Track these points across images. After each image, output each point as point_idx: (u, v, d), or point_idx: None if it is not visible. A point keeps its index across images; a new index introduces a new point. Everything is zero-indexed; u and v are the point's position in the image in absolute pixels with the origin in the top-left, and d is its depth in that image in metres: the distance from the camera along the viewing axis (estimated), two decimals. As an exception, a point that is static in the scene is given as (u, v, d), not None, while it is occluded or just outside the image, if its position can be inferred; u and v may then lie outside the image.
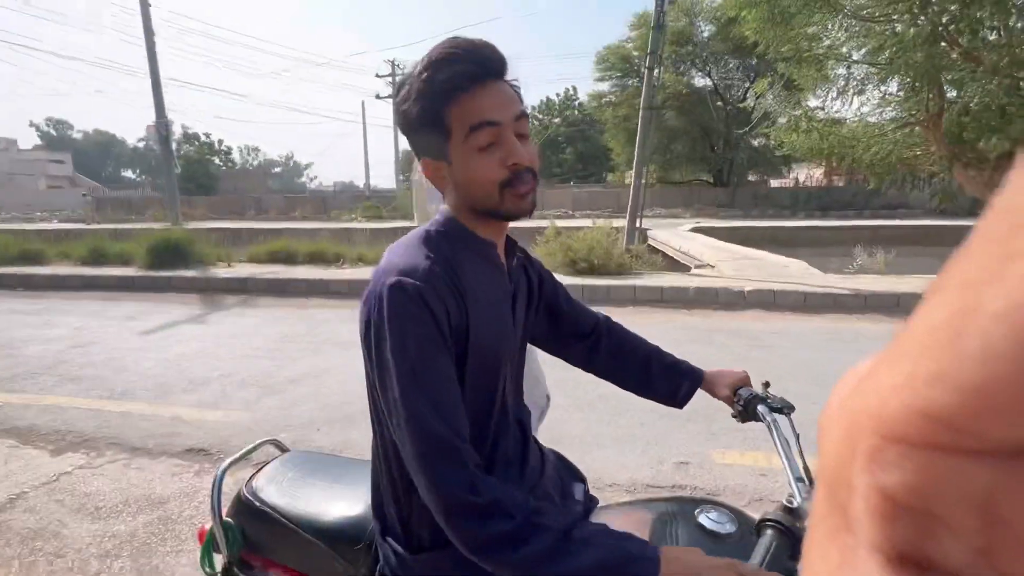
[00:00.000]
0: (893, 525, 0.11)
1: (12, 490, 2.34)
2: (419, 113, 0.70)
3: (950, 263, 0.11)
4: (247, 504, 0.97)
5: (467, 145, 0.70)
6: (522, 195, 0.72)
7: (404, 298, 0.67)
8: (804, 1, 5.43)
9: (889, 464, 0.11)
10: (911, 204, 20.11)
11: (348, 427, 2.88)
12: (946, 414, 0.10)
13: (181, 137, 31.49)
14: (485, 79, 0.69)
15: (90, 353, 4.23)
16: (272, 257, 8.40)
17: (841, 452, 0.12)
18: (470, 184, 0.72)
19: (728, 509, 0.85)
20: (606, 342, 1.05)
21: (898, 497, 0.11)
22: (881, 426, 0.11)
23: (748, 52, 19.82)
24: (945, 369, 0.10)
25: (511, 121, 0.70)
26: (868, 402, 0.12)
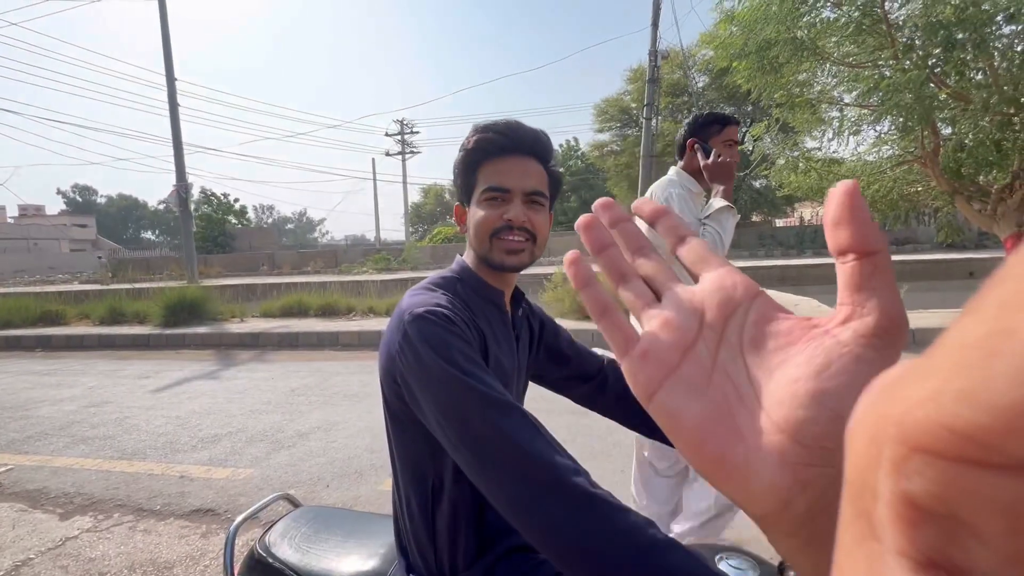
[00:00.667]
0: (918, 531, 0.11)
1: (17, 556, 2.29)
2: (460, 164, 0.86)
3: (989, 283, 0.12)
4: (260, 561, 0.95)
5: (481, 198, 0.82)
6: (508, 249, 0.81)
7: (435, 321, 0.71)
8: (792, 51, 5.69)
9: (914, 472, 0.11)
10: (919, 239, 20.10)
11: (357, 482, 2.82)
12: (973, 431, 0.10)
13: (200, 198, 32.76)
14: (514, 153, 0.82)
15: (102, 413, 4.24)
16: (284, 311, 8.51)
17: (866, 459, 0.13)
18: (473, 229, 0.84)
19: (749, 555, 0.82)
20: (613, 384, 1.06)
21: (923, 504, 0.11)
22: (907, 435, 0.11)
23: (742, 99, 20.59)
24: (975, 387, 0.10)
25: (521, 192, 0.82)
26: (895, 410, 0.12)
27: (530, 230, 0.81)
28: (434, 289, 0.81)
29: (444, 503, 0.76)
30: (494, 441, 0.61)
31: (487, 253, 0.82)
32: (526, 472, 0.58)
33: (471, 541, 0.78)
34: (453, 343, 0.69)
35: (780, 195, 12.87)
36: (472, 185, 0.84)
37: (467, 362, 0.67)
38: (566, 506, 0.56)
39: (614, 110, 24.57)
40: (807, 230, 23.10)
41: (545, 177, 0.85)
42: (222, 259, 25.33)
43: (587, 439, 3.21)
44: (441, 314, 0.72)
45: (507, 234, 0.80)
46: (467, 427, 0.63)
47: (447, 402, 0.65)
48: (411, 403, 0.72)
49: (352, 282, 13.23)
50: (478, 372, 0.67)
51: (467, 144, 0.84)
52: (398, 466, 0.80)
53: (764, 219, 28.29)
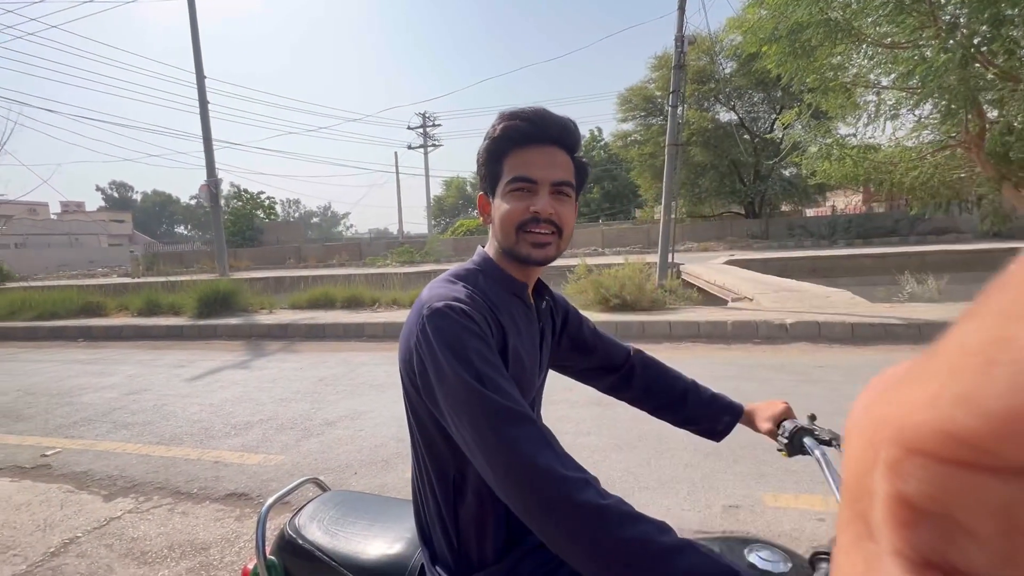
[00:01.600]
0: (914, 531, 0.11)
1: (66, 534, 2.42)
2: (485, 153, 0.82)
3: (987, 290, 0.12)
4: (290, 542, 0.98)
5: (506, 188, 0.79)
6: (535, 243, 0.79)
7: (453, 317, 0.70)
8: (825, 33, 5.47)
9: (909, 474, 0.11)
10: (961, 228, 19.23)
11: (384, 470, 2.87)
12: (969, 435, 0.10)
13: (230, 193, 33.66)
14: (541, 142, 0.79)
15: (141, 400, 4.42)
16: (311, 303, 8.70)
17: (863, 460, 0.13)
18: (498, 221, 0.80)
19: (779, 548, 0.80)
20: (640, 373, 1.05)
21: (918, 504, 0.11)
22: (903, 438, 0.11)
23: (772, 85, 19.96)
24: (972, 393, 0.10)
25: (548, 183, 0.79)
26: (892, 412, 0.12)
27: (556, 223, 0.79)
28: (455, 281, 0.79)
29: (468, 497, 0.76)
30: (504, 453, 0.62)
31: (513, 246, 0.79)
32: (534, 486, 0.60)
33: (499, 535, 0.77)
34: (469, 342, 0.68)
35: (812, 184, 12.46)
36: (497, 175, 0.81)
37: (483, 363, 0.67)
38: (576, 519, 0.57)
39: (638, 99, 24.13)
40: (839, 220, 22.34)
41: (572, 167, 0.82)
42: (251, 252, 26.00)
43: (612, 431, 3.19)
44: (459, 309, 0.71)
45: (533, 227, 0.78)
46: (480, 437, 0.64)
47: (461, 408, 0.66)
48: (428, 399, 0.71)
49: (376, 275, 13.42)
50: (492, 375, 0.66)
51: (493, 132, 0.80)
52: (419, 458, 0.80)
53: (794, 209, 27.49)
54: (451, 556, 0.78)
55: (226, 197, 30.74)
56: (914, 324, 5.13)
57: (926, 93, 5.09)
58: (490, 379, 0.66)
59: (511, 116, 0.79)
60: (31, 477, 3.03)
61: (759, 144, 22.26)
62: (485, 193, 0.85)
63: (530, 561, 0.78)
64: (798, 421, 0.94)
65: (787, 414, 0.96)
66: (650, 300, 6.75)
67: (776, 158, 14.75)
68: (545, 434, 0.65)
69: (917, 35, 5.22)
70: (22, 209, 39.58)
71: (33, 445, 3.50)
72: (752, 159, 21.88)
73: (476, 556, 0.77)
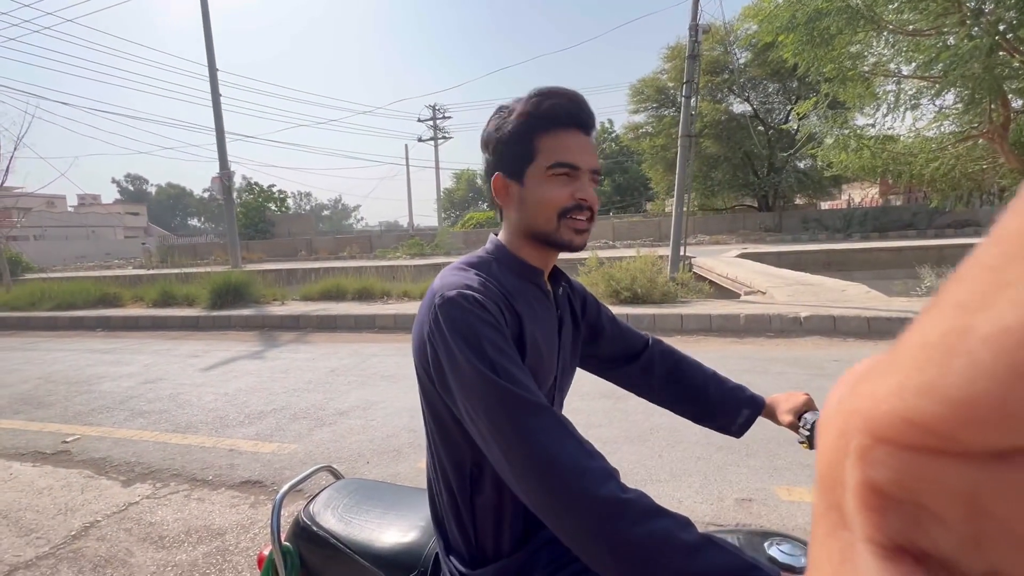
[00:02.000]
0: (883, 517, 0.12)
1: (86, 519, 2.47)
2: (513, 131, 0.76)
3: (945, 283, 0.12)
4: (305, 529, 0.98)
5: (546, 173, 0.75)
6: (577, 229, 0.77)
7: (467, 306, 0.68)
8: (845, 20, 5.34)
9: (877, 462, 0.12)
10: (981, 221, 18.81)
11: (396, 460, 2.89)
12: (932, 422, 0.11)
13: (242, 186, 33.93)
14: (582, 127, 0.77)
15: (157, 389, 4.49)
16: (323, 295, 8.77)
17: (835, 450, 0.13)
18: (536, 205, 0.76)
19: (800, 541, 0.79)
20: (660, 365, 1.02)
21: (887, 491, 0.12)
22: (871, 427, 0.12)
23: (788, 75, 19.60)
24: (934, 382, 0.11)
25: (589, 170, 0.77)
26: (861, 404, 0.13)
27: (593, 209, 0.78)
28: (467, 269, 0.77)
29: (486, 489, 0.74)
30: (522, 447, 0.60)
31: (553, 232, 0.76)
32: (555, 479, 0.58)
33: (516, 527, 0.76)
34: (483, 332, 0.66)
35: (827, 175, 12.24)
36: (529, 155, 0.75)
37: (497, 354, 0.65)
38: (596, 515, 0.56)
39: (650, 90, 23.84)
40: (855, 212, 21.95)
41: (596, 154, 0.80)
42: (263, 245, 26.24)
43: (623, 423, 3.18)
44: (472, 298, 0.69)
45: (577, 213, 0.76)
46: (496, 428, 0.62)
47: (476, 398, 0.64)
48: (442, 390, 0.70)
49: (387, 267, 13.48)
50: (507, 366, 0.64)
51: (531, 109, 0.74)
52: (435, 449, 0.78)
53: (808, 202, 27.06)
54: (466, 547, 0.77)
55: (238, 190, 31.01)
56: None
57: (949, 82, 4.95)
58: (504, 369, 0.64)
59: (551, 94, 0.75)
60: (52, 463, 3.10)
61: (773, 136, 21.92)
62: (508, 175, 0.78)
63: (546, 553, 0.77)
64: (819, 413, 0.92)
65: (809, 405, 0.94)
66: (661, 293, 6.70)
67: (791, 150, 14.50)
68: (564, 423, 0.63)
69: (940, 22, 5.08)
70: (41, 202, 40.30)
71: (54, 432, 3.58)
72: (766, 151, 21.55)
73: (492, 547, 0.76)
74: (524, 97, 0.77)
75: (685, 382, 1.01)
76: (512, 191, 0.79)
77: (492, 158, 0.80)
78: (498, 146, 0.78)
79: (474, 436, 0.67)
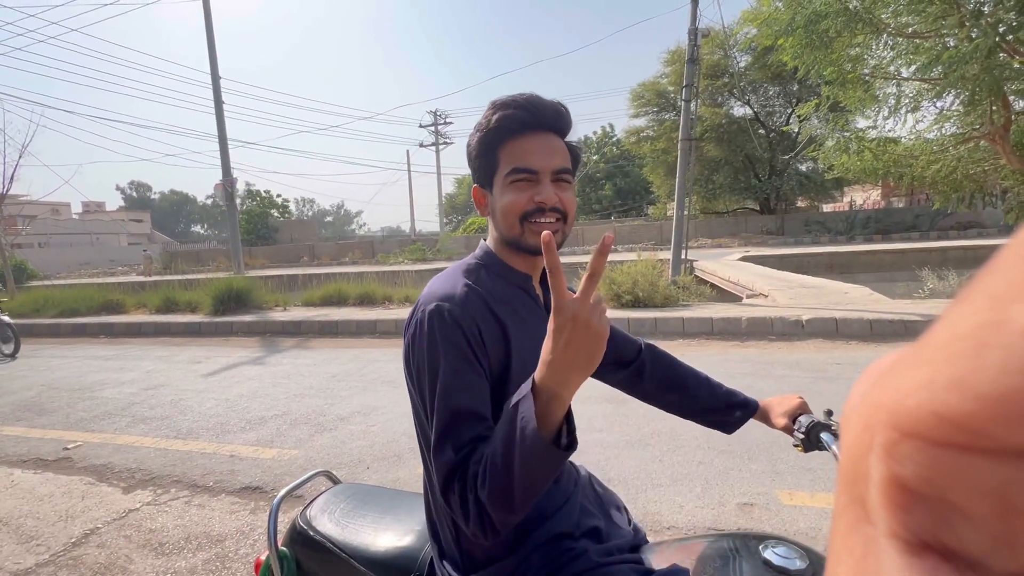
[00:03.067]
0: (909, 513, 0.12)
1: (87, 526, 2.47)
2: (478, 144, 0.80)
3: (979, 275, 0.12)
4: (301, 533, 0.98)
5: (506, 180, 0.77)
6: (540, 231, 0.77)
7: (440, 322, 0.71)
8: (844, 23, 5.35)
9: (905, 457, 0.11)
10: (984, 223, 18.75)
11: (396, 465, 2.88)
12: (962, 417, 0.10)
13: (244, 193, 34.09)
14: (536, 128, 0.78)
15: (159, 395, 4.50)
16: (325, 300, 8.78)
17: (860, 444, 0.13)
18: (500, 213, 0.79)
19: (796, 544, 0.78)
20: (651, 368, 1.04)
21: (913, 487, 0.11)
22: (898, 421, 0.12)
23: (788, 78, 19.63)
24: (965, 376, 0.11)
25: (549, 172, 0.77)
26: (887, 397, 0.12)
27: (561, 210, 0.78)
28: (456, 276, 0.79)
29: None
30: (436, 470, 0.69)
31: (519, 238, 0.78)
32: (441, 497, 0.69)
33: (506, 532, 0.77)
34: (445, 352, 0.70)
35: (829, 178, 12.23)
36: (493, 166, 0.78)
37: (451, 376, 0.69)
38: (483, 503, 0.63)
39: (650, 94, 23.89)
40: (857, 215, 21.90)
41: (567, 152, 0.80)
42: (266, 251, 26.33)
43: (624, 427, 3.17)
44: (449, 313, 0.72)
45: (539, 216, 0.76)
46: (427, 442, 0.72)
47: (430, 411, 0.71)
48: (419, 396, 0.74)
49: (388, 272, 13.50)
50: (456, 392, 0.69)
51: (486, 123, 0.78)
52: (427, 454, 0.79)
53: (810, 204, 27.03)
54: (458, 552, 0.78)
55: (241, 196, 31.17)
56: (935, 320, 5.01)
57: (948, 83, 4.95)
58: (437, 402, 0.69)
59: (504, 105, 0.77)
60: (53, 469, 3.11)
61: (774, 139, 21.92)
62: (481, 185, 0.82)
63: (539, 556, 0.77)
64: (814, 416, 0.92)
65: (803, 409, 0.94)
66: (663, 297, 6.69)
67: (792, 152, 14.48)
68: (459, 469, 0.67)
69: (939, 24, 5.08)
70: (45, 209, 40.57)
71: (55, 438, 3.58)
72: (767, 154, 21.55)
73: (484, 552, 0.76)
74: (487, 110, 0.80)
75: (678, 386, 1.03)
76: (487, 200, 0.82)
77: (472, 170, 0.84)
78: (472, 159, 0.82)
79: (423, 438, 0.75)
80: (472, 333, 0.71)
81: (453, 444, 0.67)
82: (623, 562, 0.78)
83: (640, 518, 2.18)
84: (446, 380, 0.69)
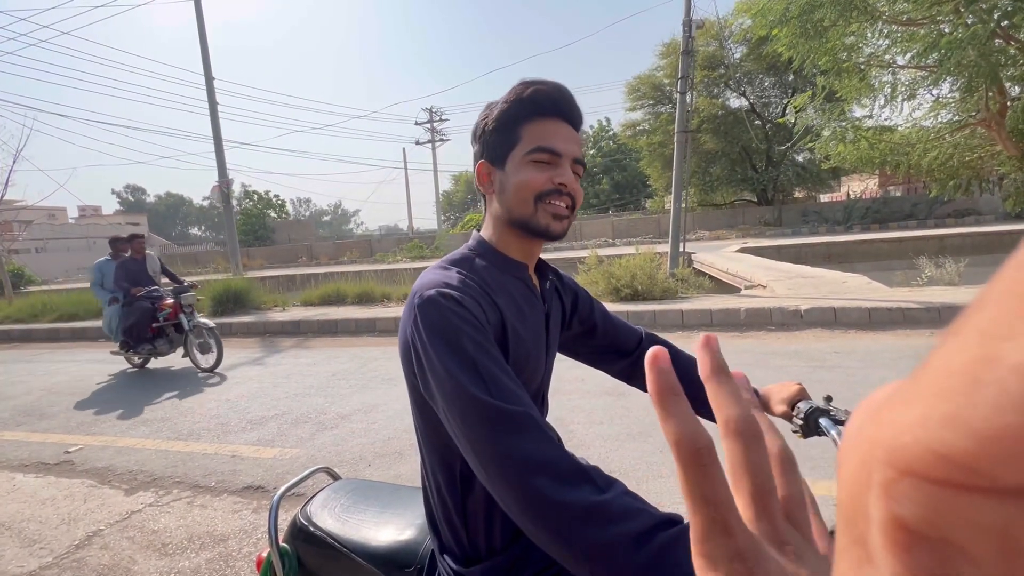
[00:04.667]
0: (912, 555, 0.11)
1: (89, 528, 2.47)
2: (499, 117, 0.77)
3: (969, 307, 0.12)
4: (302, 529, 0.98)
5: (526, 158, 0.76)
6: (556, 215, 0.76)
7: (446, 305, 0.67)
8: (838, 12, 5.34)
9: (903, 496, 0.11)
10: (981, 210, 18.77)
11: (397, 461, 2.89)
12: (959, 456, 0.10)
13: (241, 194, 34.03)
14: (566, 118, 0.78)
15: (160, 397, 4.49)
16: (323, 299, 8.77)
17: (857, 482, 0.13)
18: (513, 189, 0.76)
19: None
20: None
21: (914, 527, 0.11)
22: (895, 458, 0.11)
23: (783, 69, 19.57)
24: (960, 413, 0.10)
25: (570, 159, 0.77)
26: (883, 434, 0.12)
27: (574, 196, 0.77)
28: (448, 267, 0.76)
29: (476, 488, 0.74)
30: (496, 459, 0.58)
31: (530, 216, 0.75)
32: (528, 490, 0.56)
33: (507, 525, 0.76)
34: (463, 330, 0.65)
35: (825, 167, 12.24)
36: (511, 142, 0.76)
37: (478, 352, 0.63)
38: (567, 521, 0.54)
39: (646, 87, 23.81)
40: (855, 205, 21.90)
41: (581, 146, 0.80)
42: (263, 251, 26.29)
43: (625, 420, 3.17)
44: (451, 296, 0.68)
45: (555, 198, 0.75)
46: (470, 435, 0.61)
47: (452, 407, 0.63)
48: (425, 391, 0.69)
49: (387, 270, 13.49)
50: (488, 365, 0.63)
51: (516, 96, 0.75)
52: (424, 450, 0.78)
53: (808, 195, 27.03)
54: (458, 546, 0.77)
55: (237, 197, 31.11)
56: (933, 308, 5.02)
57: (945, 70, 4.94)
58: (485, 369, 0.62)
59: (538, 83, 0.76)
60: (55, 473, 3.11)
61: (771, 130, 21.89)
62: (491, 160, 0.79)
63: (538, 550, 0.76)
64: (813, 402, 0.91)
65: (801, 395, 0.94)
66: (662, 289, 6.69)
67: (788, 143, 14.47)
68: (539, 428, 0.60)
69: (935, 11, 5.07)
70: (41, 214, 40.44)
71: (56, 442, 3.58)
72: (764, 145, 21.52)
73: (484, 546, 0.75)
74: (514, 87, 0.78)
75: (678, 376, 1.01)
76: (494, 177, 0.79)
77: (479, 147, 0.81)
78: (484, 134, 0.79)
79: (453, 437, 0.65)
80: (481, 317, 0.69)
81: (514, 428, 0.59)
82: None
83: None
84: (476, 361, 0.63)
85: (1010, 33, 4.85)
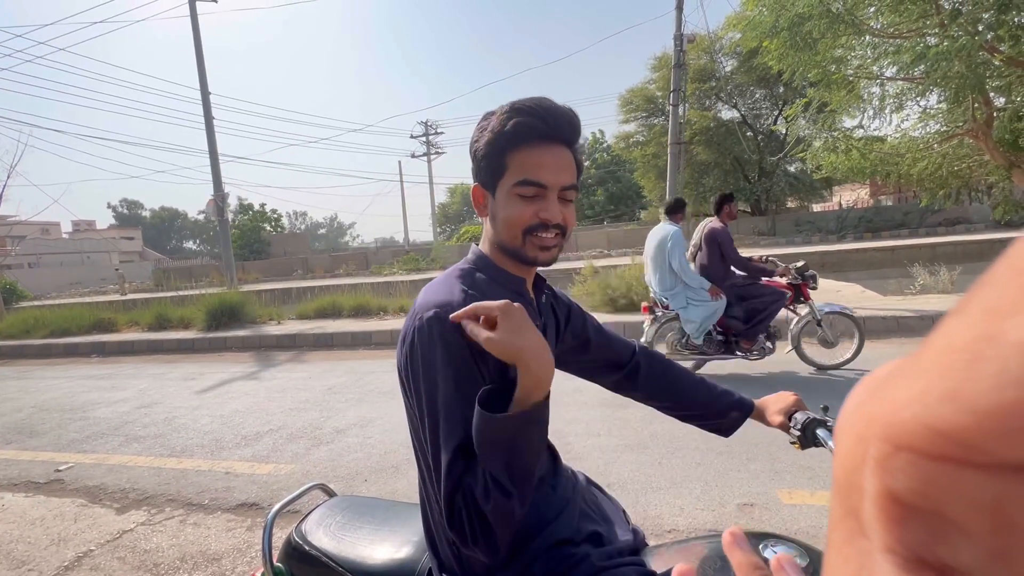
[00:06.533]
0: (904, 528, 0.11)
1: (79, 548, 2.42)
2: (486, 145, 0.78)
3: (973, 288, 0.12)
4: (297, 548, 0.97)
5: (513, 190, 0.77)
6: (542, 247, 0.78)
7: (441, 329, 0.69)
8: (827, 25, 5.43)
9: (897, 470, 0.11)
10: (972, 218, 18.98)
11: (394, 476, 2.86)
12: (956, 431, 0.10)
13: (236, 208, 34.02)
14: (552, 140, 0.77)
15: (152, 413, 4.44)
16: (319, 313, 8.73)
17: (853, 456, 0.13)
18: (502, 223, 0.79)
19: (796, 543, 0.78)
20: (646, 369, 1.04)
21: (908, 501, 0.11)
22: (891, 434, 0.12)
23: (774, 81, 19.87)
24: (960, 389, 0.10)
25: (557, 188, 0.77)
26: (881, 410, 0.12)
27: (563, 226, 0.78)
28: (451, 282, 0.78)
29: None
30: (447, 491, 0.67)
31: (519, 248, 0.78)
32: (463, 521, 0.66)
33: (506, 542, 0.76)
34: (453, 356, 0.68)
35: (818, 178, 12.36)
36: (501, 169, 0.77)
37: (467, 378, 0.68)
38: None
39: (639, 100, 24.08)
40: (848, 214, 22.11)
41: (575, 167, 0.80)
42: (259, 265, 26.21)
43: (623, 431, 3.16)
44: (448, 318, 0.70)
45: (542, 232, 0.77)
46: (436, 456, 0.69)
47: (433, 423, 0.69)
48: (417, 406, 0.72)
49: (383, 283, 13.47)
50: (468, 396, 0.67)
51: (500, 125, 0.76)
52: (422, 465, 0.78)
53: (800, 205, 27.26)
54: (457, 563, 0.76)
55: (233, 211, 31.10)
56: (927, 316, 5.04)
57: (932, 81, 5.02)
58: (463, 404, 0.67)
59: (521, 111, 0.75)
60: (45, 492, 3.05)
61: (763, 141, 22.14)
62: (483, 185, 0.81)
63: (540, 564, 0.76)
64: (810, 413, 0.91)
65: (798, 406, 0.94)
66: (658, 300, 6.69)
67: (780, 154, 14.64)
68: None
69: (920, 23, 5.17)
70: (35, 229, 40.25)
71: (47, 460, 3.52)
72: (756, 156, 21.75)
73: (483, 563, 0.74)
74: (501, 110, 0.78)
75: (672, 388, 1.02)
76: (487, 202, 0.81)
77: (474, 167, 0.82)
78: (478, 159, 0.80)
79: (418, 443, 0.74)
80: None
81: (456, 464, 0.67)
82: (625, 565, 0.77)
83: (640, 521, 2.16)
84: (448, 392, 0.68)
85: (994, 45, 4.95)
